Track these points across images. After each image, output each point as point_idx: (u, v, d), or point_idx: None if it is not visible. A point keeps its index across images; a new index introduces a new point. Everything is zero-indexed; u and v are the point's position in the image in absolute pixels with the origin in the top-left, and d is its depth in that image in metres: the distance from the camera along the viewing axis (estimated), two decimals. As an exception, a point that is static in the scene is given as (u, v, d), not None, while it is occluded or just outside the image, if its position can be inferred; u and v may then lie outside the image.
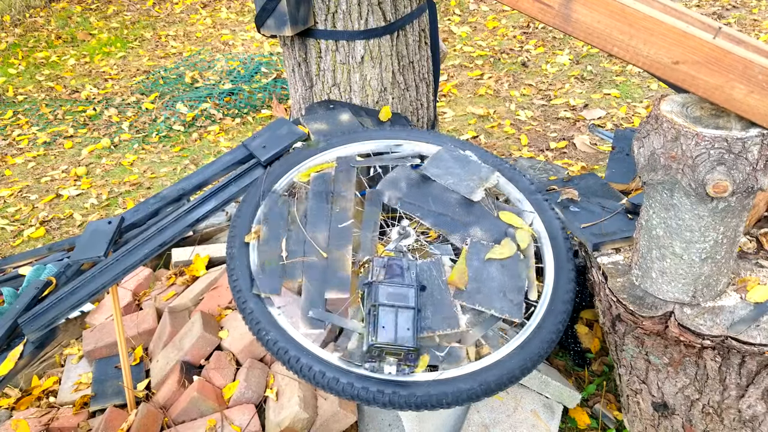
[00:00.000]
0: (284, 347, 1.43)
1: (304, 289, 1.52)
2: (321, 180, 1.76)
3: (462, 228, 1.70)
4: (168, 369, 2.04)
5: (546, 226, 1.74)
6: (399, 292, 1.44)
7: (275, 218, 1.66)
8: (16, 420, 1.98)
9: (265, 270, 1.55)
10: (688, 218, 1.36)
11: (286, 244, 1.59)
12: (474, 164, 1.83)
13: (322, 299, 1.51)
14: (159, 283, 2.57)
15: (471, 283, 1.59)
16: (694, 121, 1.29)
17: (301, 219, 1.65)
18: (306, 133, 1.98)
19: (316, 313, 1.48)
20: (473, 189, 1.76)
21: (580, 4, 1.32)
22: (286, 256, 1.56)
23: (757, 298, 1.46)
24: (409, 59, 2.15)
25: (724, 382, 1.47)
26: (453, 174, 1.80)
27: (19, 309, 1.73)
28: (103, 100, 4.83)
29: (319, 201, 1.70)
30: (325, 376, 1.39)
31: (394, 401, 1.37)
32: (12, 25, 6.56)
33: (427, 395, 1.37)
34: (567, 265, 1.66)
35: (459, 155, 1.85)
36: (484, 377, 1.42)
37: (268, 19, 1.96)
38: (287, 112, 3.93)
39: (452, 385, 1.40)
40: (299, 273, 1.55)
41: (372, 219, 1.68)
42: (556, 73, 4.51)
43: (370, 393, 1.37)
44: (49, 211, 3.53)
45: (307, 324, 1.46)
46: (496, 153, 3.57)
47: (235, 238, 1.64)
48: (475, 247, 1.66)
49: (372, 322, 1.39)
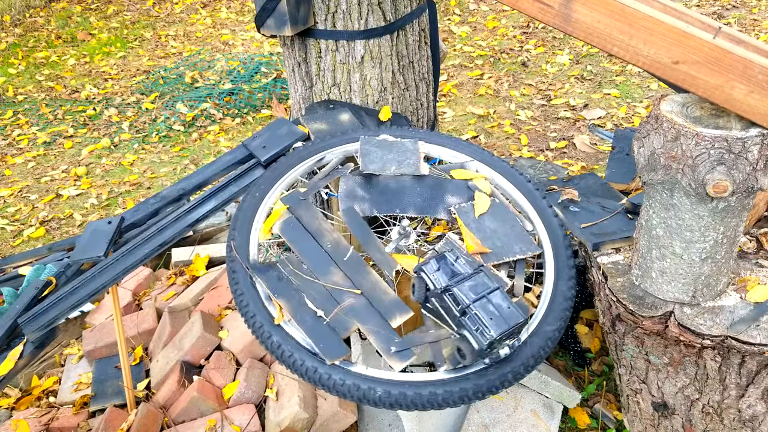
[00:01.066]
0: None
1: (368, 333, 1.46)
2: (289, 227, 1.64)
3: (439, 202, 1.75)
4: (168, 369, 2.04)
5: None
6: (474, 282, 1.44)
7: (284, 289, 1.52)
8: (16, 420, 1.98)
9: (318, 338, 1.45)
10: (688, 218, 1.36)
11: (314, 302, 1.49)
12: (397, 143, 1.85)
13: (392, 330, 1.47)
14: (159, 283, 2.57)
15: (484, 243, 1.65)
16: (694, 121, 1.29)
17: (305, 272, 1.56)
18: (306, 133, 1.98)
19: (398, 345, 1.44)
20: (416, 164, 1.80)
21: (580, 4, 1.32)
22: (323, 313, 1.48)
23: (757, 297, 1.46)
24: (409, 59, 2.15)
25: (724, 382, 1.47)
26: (389, 161, 1.80)
27: (19, 309, 1.73)
28: (103, 100, 4.83)
29: (307, 247, 1.60)
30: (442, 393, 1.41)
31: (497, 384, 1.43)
32: (12, 25, 6.57)
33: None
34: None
35: (380, 141, 1.85)
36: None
37: (268, 19, 1.96)
38: (287, 112, 3.93)
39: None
40: (349, 321, 1.47)
41: (367, 236, 1.65)
42: (556, 73, 4.51)
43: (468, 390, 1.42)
44: (49, 211, 3.53)
45: (397, 359, 1.42)
46: (496, 153, 3.57)
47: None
48: (462, 212, 1.71)
49: (476, 322, 1.38)
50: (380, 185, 1.77)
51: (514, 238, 1.68)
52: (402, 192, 1.77)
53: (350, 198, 1.72)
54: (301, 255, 1.59)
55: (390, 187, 1.77)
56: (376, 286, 1.54)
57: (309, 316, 1.47)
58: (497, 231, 1.69)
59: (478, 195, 1.76)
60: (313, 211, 1.67)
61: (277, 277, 1.53)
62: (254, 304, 1.49)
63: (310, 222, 1.65)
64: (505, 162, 1.89)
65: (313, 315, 1.47)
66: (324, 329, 1.45)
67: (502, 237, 1.67)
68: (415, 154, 1.84)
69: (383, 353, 1.43)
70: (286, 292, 1.51)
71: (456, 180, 1.81)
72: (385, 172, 1.78)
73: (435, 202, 1.76)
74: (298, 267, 1.56)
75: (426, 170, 1.81)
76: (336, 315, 1.47)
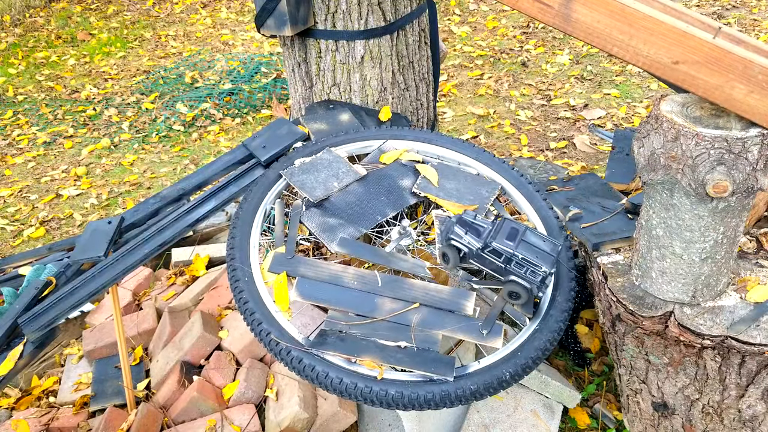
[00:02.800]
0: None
1: (454, 333, 1.45)
2: (307, 291, 1.55)
3: (401, 190, 1.79)
4: (168, 369, 2.04)
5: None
6: (504, 231, 1.50)
7: (356, 345, 1.45)
8: (16, 420, 1.98)
9: (424, 365, 1.42)
10: (688, 218, 1.36)
11: (389, 338, 1.45)
12: (314, 161, 1.83)
13: (470, 318, 1.49)
14: (159, 283, 2.57)
15: (461, 203, 1.75)
16: (694, 121, 1.29)
17: (359, 319, 1.49)
18: (306, 133, 1.98)
19: (485, 326, 1.47)
20: (350, 169, 1.82)
21: (580, 4, 1.32)
22: (403, 343, 1.44)
23: (757, 298, 1.46)
24: (409, 59, 2.15)
25: (724, 382, 1.47)
26: (326, 179, 1.78)
27: (19, 309, 1.73)
28: (103, 100, 4.83)
29: (339, 295, 1.53)
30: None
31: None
32: (12, 25, 6.57)
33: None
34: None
35: (300, 168, 1.81)
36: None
37: (268, 19, 1.96)
38: (287, 112, 3.93)
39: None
40: (430, 333, 1.46)
41: (380, 254, 1.62)
42: (556, 73, 4.51)
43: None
44: (49, 211, 3.53)
45: (493, 337, 1.45)
46: (496, 153, 3.58)
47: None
48: (423, 188, 1.79)
49: (524, 265, 1.47)
50: (340, 204, 1.74)
51: (474, 185, 1.78)
52: (365, 200, 1.75)
53: (329, 231, 1.67)
54: (339, 306, 1.51)
55: (350, 201, 1.74)
56: (427, 290, 1.53)
57: (399, 353, 1.44)
58: (460, 188, 1.77)
59: (421, 168, 1.83)
60: (310, 263, 1.59)
61: (340, 340, 1.46)
62: (346, 375, 1.41)
63: (319, 273, 1.57)
64: (412, 129, 1.95)
65: (400, 350, 1.44)
66: (420, 354, 1.43)
67: (467, 190, 1.77)
68: (340, 162, 1.83)
69: (478, 341, 1.45)
70: (360, 347, 1.44)
71: (393, 164, 1.85)
72: (331, 191, 1.75)
73: (397, 192, 1.78)
74: (348, 320, 1.49)
75: (362, 170, 1.82)
76: (416, 336, 1.45)
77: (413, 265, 1.60)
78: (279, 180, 1.81)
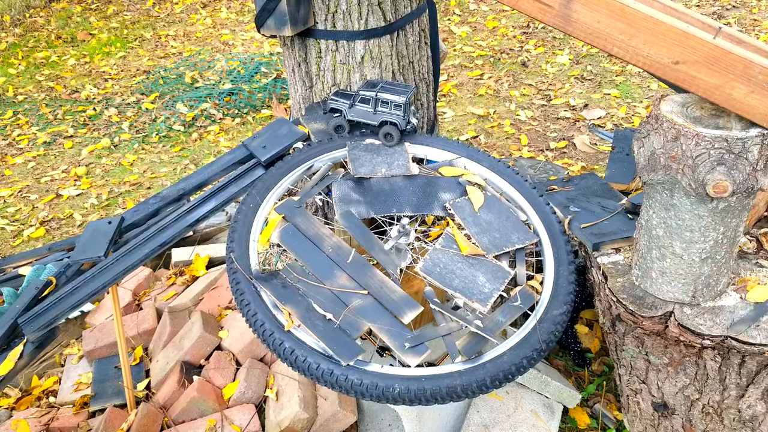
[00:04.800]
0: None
1: (379, 331, 1.47)
2: (287, 236, 1.64)
3: (434, 199, 1.78)
4: (168, 369, 2.04)
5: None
6: (366, 86, 1.90)
7: (291, 296, 1.52)
8: (16, 420, 1.98)
9: (331, 340, 1.44)
10: (688, 218, 1.36)
11: (322, 306, 1.50)
12: (381, 147, 1.89)
13: (403, 327, 1.48)
14: (159, 283, 2.57)
15: (480, 237, 1.69)
16: (694, 121, 1.29)
17: (310, 278, 1.56)
18: (306, 133, 1.98)
19: (411, 341, 1.45)
20: (406, 165, 1.84)
21: (580, 4, 1.32)
22: (332, 316, 1.48)
23: (757, 298, 1.46)
24: (409, 59, 2.15)
25: (724, 382, 1.47)
26: (378, 163, 1.84)
27: (19, 309, 1.73)
28: (103, 100, 4.83)
29: (308, 253, 1.60)
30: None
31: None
32: (12, 25, 6.57)
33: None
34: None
35: (367, 146, 1.89)
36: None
37: (268, 19, 1.96)
38: (287, 112, 3.93)
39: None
40: (360, 321, 1.48)
41: (368, 238, 1.65)
42: (556, 73, 4.52)
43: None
44: (49, 211, 3.53)
45: (412, 355, 1.43)
46: (496, 153, 3.58)
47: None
48: (458, 207, 1.74)
49: (388, 102, 1.84)
50: (373, 188, 1.78)
51: (510, 228, 1.73)
52: (396, 192, 1.78)
53: (346, 202, 1.73)
54: (304, 261, 1.59)
55: (383, 188, 1.79)
56: (383, 285, 1.55)
57: (319, 321, 1.47)
58: (493, 223, 1.73)
59: (471, 189, 1.79)
60: (309, 218, 1.67)
61: (281, 285, 1.54)
62: (262, 313, 1.48)
63: (308, 229, 1.65)
64: (490, 156, 1.93)
65: (322, 319, 1.47)
66: (336, 332, 1.45)
67: (499, 228, 1.72)
68: (403, 155, 1.87)
69: (397, 350, 1.44)
70: (292, 298, 1.51)
71: (446, 177, 1.84)
72: (376, 174, 1.80)
73: (430, 200, 1.78)
74: (301, 274, 1.56)
75: (416, 170, 1.84)
76: (345, 316, 1.48)
77: (387, 259, 1.62)
78: (342, 148, 1.90)
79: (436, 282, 1.59)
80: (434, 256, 1.63)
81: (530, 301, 1.61)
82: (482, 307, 1.55)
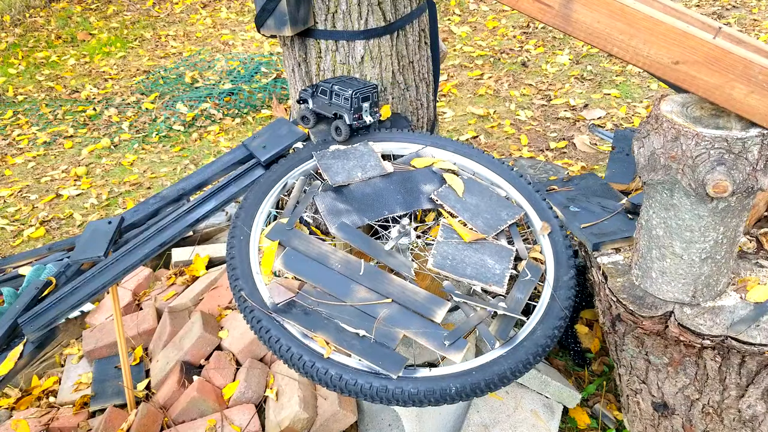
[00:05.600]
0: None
1: (415, 335, 1.45)
2: (291, 261, 1.58)
3: (418, 193, 1.78)
4: (168, 369, 2.04)
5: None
6: (336, 79, 1.93)
7: (317, 322, 1.47)
8: (16, 420, 1.98)
9: (374, 356, 1.42)
10: (688, 218, 1.36)
11: (351, 324, 1.46)
12: (350, 150, 1.88)
13: (437, 326, 1.47)
14: (159, 283, 2.57)
15: (474, 221, 1.70)
16: (694, 121, 1.29)
17: (329, 299, 1.50)
18: (306, 133, 1.98)
19: (449, 338, 1.45)
20: (378, 164, 1.83)
21: (580, 4, 1.32)
22: (364, 332, 1.45)
23: (757, 298, 1.46)
24: (409, 59, 2.15)
25: (724, 382, 1.47)
26: (352, 168, 1.82)
27: (19, 309, 1.73)
28: (103, 100, 4.83)
29: (318, 274, 1.55)
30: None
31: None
32: (12, 25, 6.57)
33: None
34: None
35: (333, 152, 1.86)
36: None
37: (268, 19, 1.96)
38: (287, 112, 3.93)
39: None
40: (393, 330, 1.45)
41: (372, 245, 1.63)
42: (556, 73, 4.51)
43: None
44: (49, 211, 3.53)
45: (454, 351, 1.43)
46: (496, 153, 3.58)
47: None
48: (443, 197, 1.75)
49: (339, 95, 1.85)
50: (355, 194, 1.76)
51: (496, 206, 1.76)
52: (380, 194, 1.77)
53: (335, 214, 1.69)
54: (317, 283, 1.54)
55: (366, 192, 1.77)
56: (404, 289, 1.53)
57: (354, 339, 1.44)
58: (480, 205, 1.74)
59: (449, 177, 1.80)
60: (305, 238, 1.63)
61: (303, 313, 1.48)
62: (296, 346, 1.43)
63: (309, 249, 1.60)
64: (453, 141, 1.94)
65: (356, 337, 1.44)
66: (374, 347, 1.42)
67: (487, 209, 1.74)
68: (372, 156, 1.86)
69: (438, 350, 1.44)
70: (319, 324, 1.46)
71: (420, 168, 1.85)
72: (353, 180, 1.78)
73: (415, 195, 1.78)
74: (319, 296, 1.51)
75: (390, 168, 1.83)
76: (377, 329, 1.45)
77: (399, 262, 1.60)
78: (309, 160, 1.87)
79: (450, 275, 1.58)
80: (441, 249, 1.63)
81: (538, 272, 1.63)
82: (500, 289, 1.56)
